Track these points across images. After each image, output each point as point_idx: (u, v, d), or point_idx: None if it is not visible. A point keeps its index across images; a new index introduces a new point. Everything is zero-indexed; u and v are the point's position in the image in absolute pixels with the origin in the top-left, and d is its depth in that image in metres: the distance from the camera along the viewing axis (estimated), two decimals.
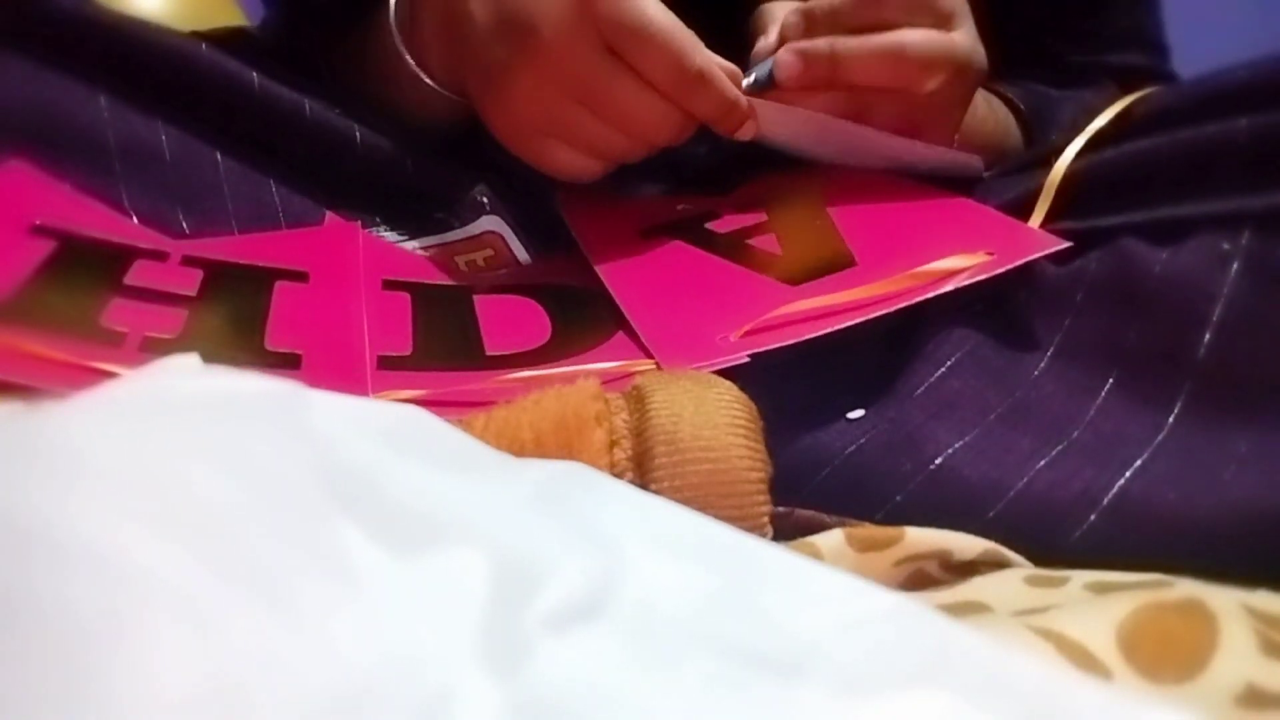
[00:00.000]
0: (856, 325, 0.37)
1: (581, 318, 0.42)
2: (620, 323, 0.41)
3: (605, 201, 0.50)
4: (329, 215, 0.46)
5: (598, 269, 0.44)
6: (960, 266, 0.37)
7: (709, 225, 0.46)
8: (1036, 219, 0.39)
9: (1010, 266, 0.37)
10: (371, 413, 0.24)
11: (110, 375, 0.29)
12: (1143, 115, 0.40)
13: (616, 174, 0.48)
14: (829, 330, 0.37)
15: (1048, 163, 0.40)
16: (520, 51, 0.42)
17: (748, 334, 0.37)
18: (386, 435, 0.23)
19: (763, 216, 0.46)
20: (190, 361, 0.25)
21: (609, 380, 0.35)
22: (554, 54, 0.42)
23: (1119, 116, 0.41)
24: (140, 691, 0.16)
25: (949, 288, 0.37)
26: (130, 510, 0.19)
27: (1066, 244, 0.37)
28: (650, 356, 0.39)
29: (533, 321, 0.42)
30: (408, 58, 0.48)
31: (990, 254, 0.38)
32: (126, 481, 0.19)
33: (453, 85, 0.48)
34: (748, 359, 0.36)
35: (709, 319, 0.39)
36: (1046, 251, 0.37)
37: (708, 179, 0.51)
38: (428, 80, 0.48)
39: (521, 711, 0.18)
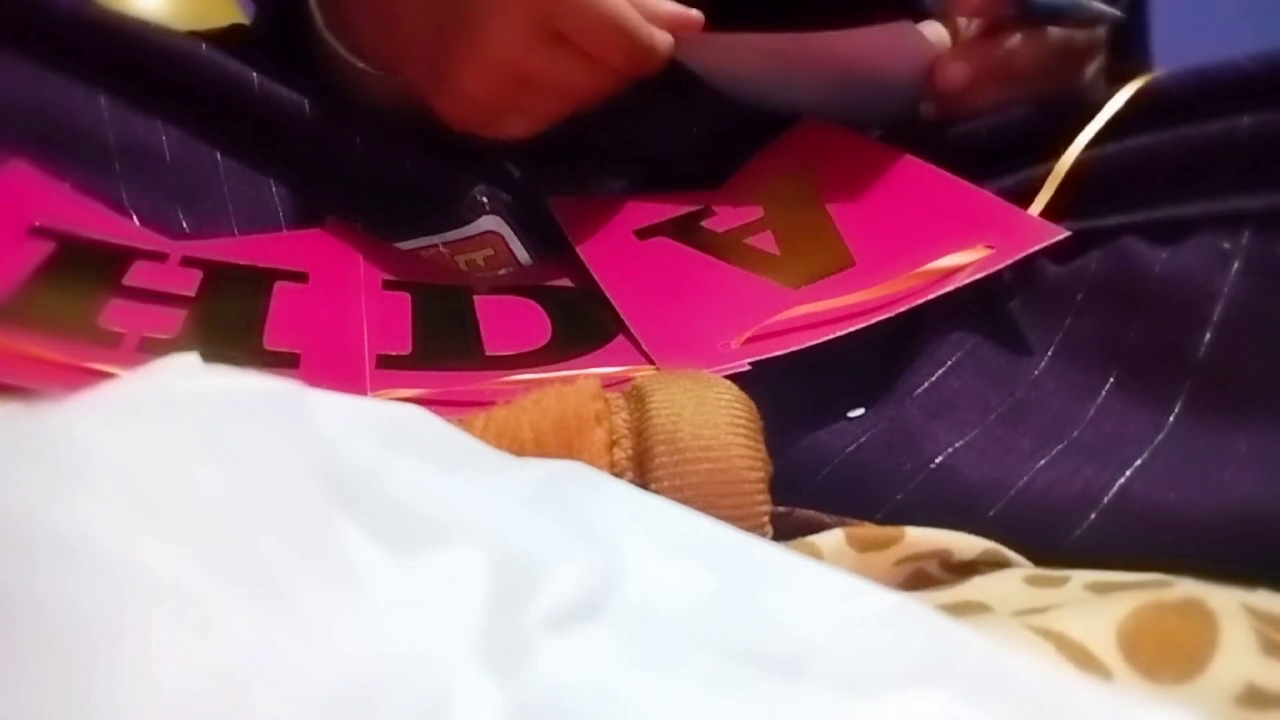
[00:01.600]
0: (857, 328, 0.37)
1: (582, 320, 0.42)
2: (620, 326, 0.41)
3: (597, 202, 0.50)
4: (329, 217, 0.46)
5: (594, 273, 0.44)
6: (960, 264, 0.37)
7: (704, 223, 0.46)
8: (1037, 207, 0.39)
9: (1011, 261, 0.37)
10: (372, 412, 0.24)
11: (107, 376, 0.29)
12: (1145, 106, 0.39)
13: (604, 174, 0.48)
14: (830, 337, 0.37)
15: (1054, 152, 0.40)
16: (463, 44, 0.42)
17: (748, 341, 0.37)
18: (387, 434, 0.23)
19: (758, 212, 0.46)
20: (190, 360, 0.24)
21: (609, 384, 0.35)
22: (498, 46, 0.42)
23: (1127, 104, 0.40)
24: (141, 691, 0.16)
25: (950, 288, 0.37)
26: (132, 509, 0.19)
27: (1066, 233, 0.37)
28: (651, 362, 0.38)
29: (533, 323, 0.42)
30: (328, 37, 0.47)
31: (990, 247, 0.38)
32: (128, 481, 0.19)
33: (383, 64, 0.48)
34: (748, 367, 0.36)
35: (708, 324, 0.39)
36: (1047, 242, 0.37)
37: (698, 173, 0.51)
38: (356, 62, 0.47)
39: (522, 711, 0.18)
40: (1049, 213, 0.39)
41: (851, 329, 0.37)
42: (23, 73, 0.41)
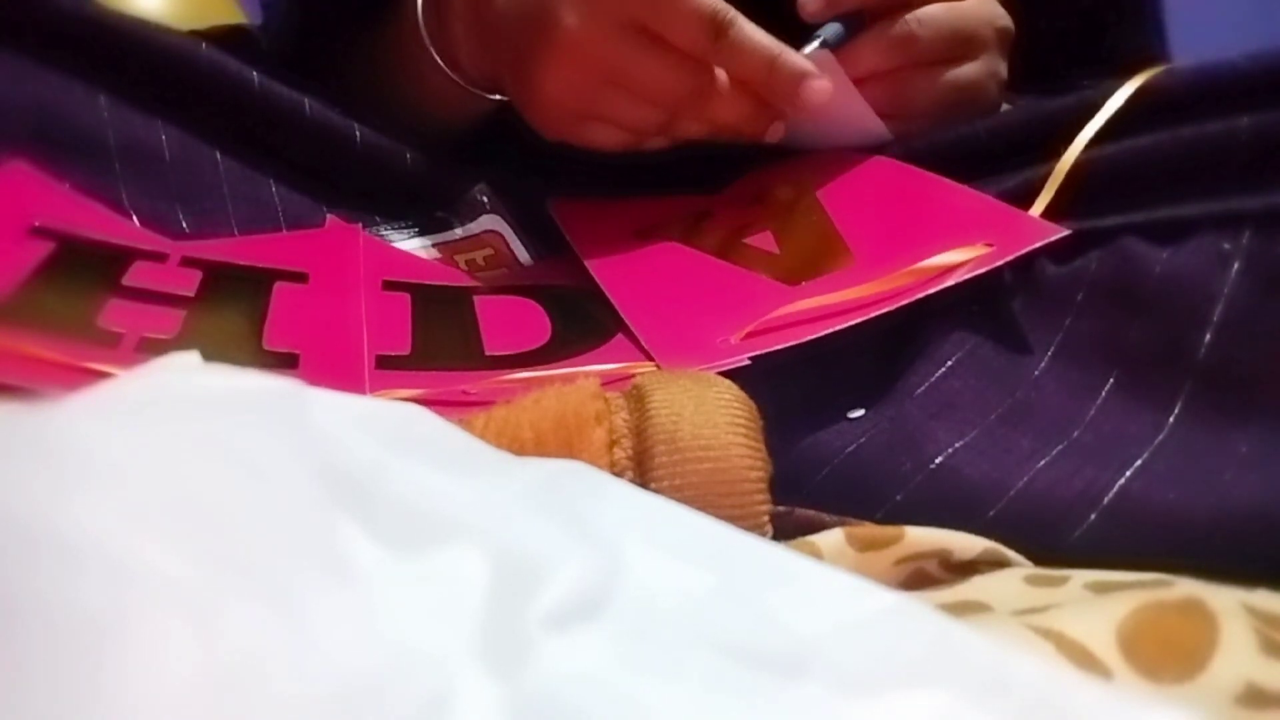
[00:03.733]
0: (856, 325, 0.37)
1: (581, 320, 0.42)
2: (620, 325, 0.41)
3: (597, 204, 0.50)
4: (329, 217, 0.46)
5: (593, 272, 0.44)
6: (959, 260, 0.37)
7: (704, 224, 0.46)
8: (1039, 207, 0.39)
9: (1010, 258, 0.37)
10: (372, 411, 0.24)
11: (106, 376, 0.29)
12: (1145, 106, 0.39)
13: (606, 176, 0.48)
14: (830, 331, 0.37)
15: (1055, 152, 0.40)
16: (544, 41, 0.43)
17: (748, 336, 0.37)
18: (387, 433, 0.23)
19: (758, 214, 0.46)
20: (191, 359, 0.25)
21: (609, 381, 0.35)
22: (577, 40, 0.42)
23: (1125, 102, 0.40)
24: (143, 689, 0.16)
25: (949, 283, 0.37)
26: (134, 509, 0.19)
27: (1065, 232, 0.37)
28: (650, 359, 0.38)
29: (533, 323, 0.42)
30: (434, 55, 0.48)
31: (989, 245, 0.38)
32: (131, 480, 0.19)
33: (483, 81, 0.48)
34: (748, 362, 0.36)
35: (708, 321, 0.39)
36: (1046, 240, 0.37)
37: (699, 178, 0.51)
38: (454, 76, 0.48)
39: (521, 710, 0.18)
40: (1049, 213, 0.39)
41: (851, 323, 0.37)
42: (23, 72, 0.41)
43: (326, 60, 0.53)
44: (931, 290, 0.37)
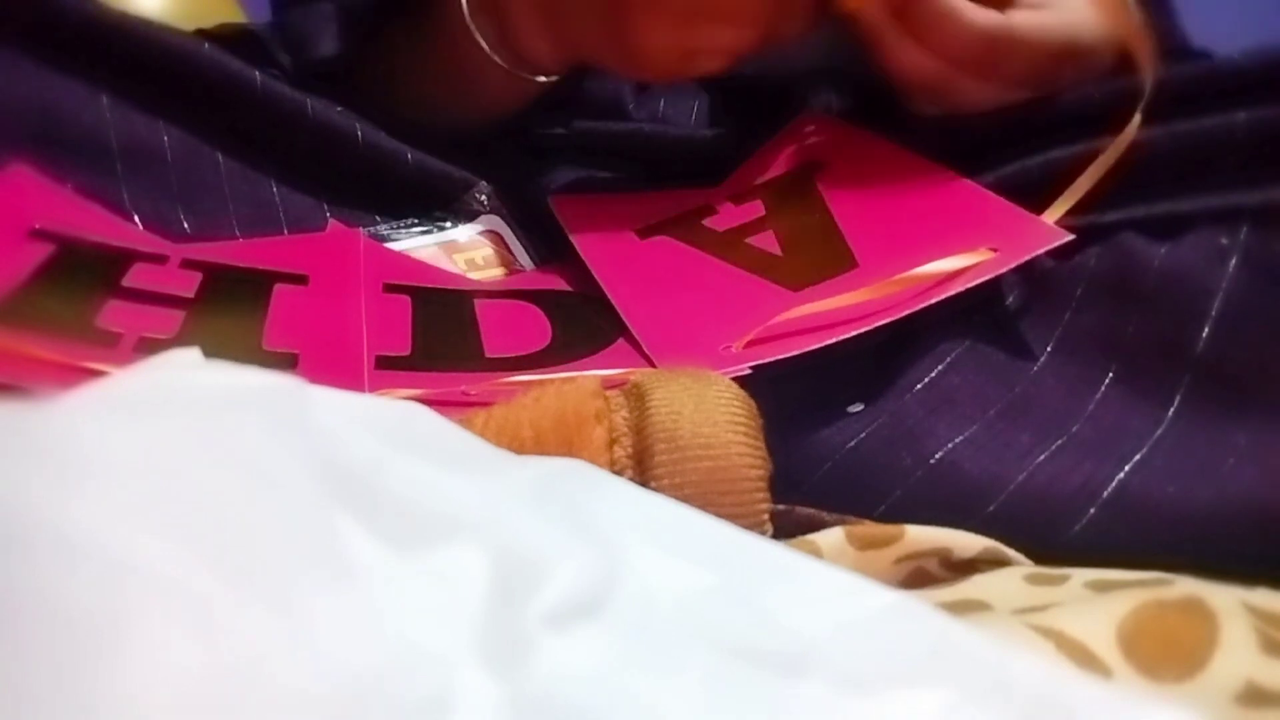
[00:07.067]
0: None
1: (582, 325, 0.42)
2: (621, 331, 0.41)
3: (598, 199, 0.50)
4: (331, 222, 0.46)
5: (594, 271, 0.44)
6: (963, 266, 0.37)
7: (705, 222, 0.46)
8: (1052, 215, 0.39)
9: (1014, 264, 0.37)
10: (373, 408, 0.24)
11: (104, 375, 0.29)
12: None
13: (600, 169, 0.48)
14: (831, 342, 0.37)
15: (1049, 144, 0.40)
16: (631, 5, 0.43)
17: (749, 344, 0.37)
18: (388, 431, 0.23)
19: (760, 211, 0.46)
20: (191, 356, 0.24)
21: (609, 385, 0.35)
22: None
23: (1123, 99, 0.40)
24: (141, 688, 0.16)
25: (952, 292, 0.37)
26: (134, 507, 0.19)
27: (1070, 236, 0.37)
28: (651, 365, 0.38)
29: (533, 326, 0.42)
30: (480, 41, 0.48)
31: (993, 250, 0.37)
32: (130, 478, 0.19)
33: (547, 58, 0.48)
34: (749, 371, 0.36)
35: (710, 327, 0.39)
36: (1051, 246, 0.37)
37: (698, 170, 0.51)
38: (498, 59, 0.48)
39: (521, 709, 0.18)
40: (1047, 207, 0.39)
41: (853, 334, 0.37)
42: (24, 72, 0.41)
43: (363, 59, 0.52)
44: (934, 300, 0.36)
